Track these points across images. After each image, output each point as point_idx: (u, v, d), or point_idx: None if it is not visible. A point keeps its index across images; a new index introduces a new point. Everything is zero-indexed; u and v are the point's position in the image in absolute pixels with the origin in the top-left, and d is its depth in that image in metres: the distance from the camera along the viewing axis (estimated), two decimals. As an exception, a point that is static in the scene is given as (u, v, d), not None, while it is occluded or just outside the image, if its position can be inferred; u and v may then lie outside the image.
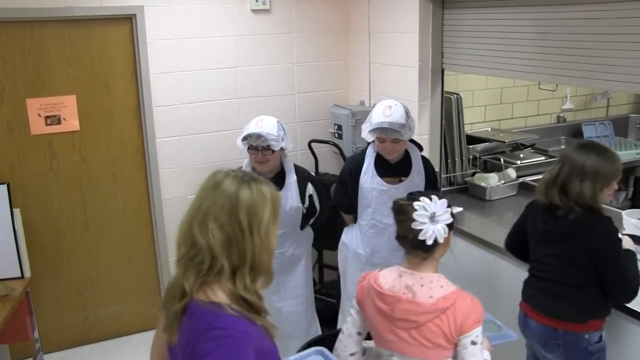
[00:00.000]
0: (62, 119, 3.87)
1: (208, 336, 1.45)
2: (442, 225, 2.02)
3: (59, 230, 4.03)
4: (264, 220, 1.57)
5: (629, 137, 5.44)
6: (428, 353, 2.00)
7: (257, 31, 4.17)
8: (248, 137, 3.09)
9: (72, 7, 3.66)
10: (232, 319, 1.50)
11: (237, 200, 1.55)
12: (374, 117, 3.02)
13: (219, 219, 1.54)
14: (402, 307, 2.02)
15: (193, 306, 1.53)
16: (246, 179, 1.60)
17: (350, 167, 3.27)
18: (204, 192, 1.60)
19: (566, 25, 2.93)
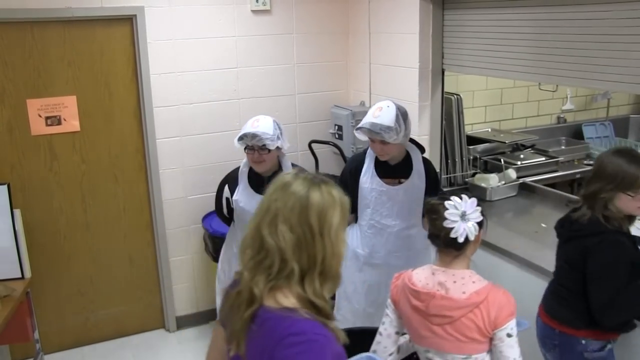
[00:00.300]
0: (62, 119, 3.87)
1: (287, 342, 1.41)
2: (473, 223, 2.07)
3: (60, 230, 4.03)
4: (334, 224, 1.53)
5: (630, 137, 5.44)
6: (463, 347, 2.05)
7: (257, 32, 4.17)
8: (244, 137, 3.10)
9: (72, 7, 3.66)
10: (309, 323, 1.46)
11: (307, 202, 1.51)
12: (366, 116, 3.04)
13: (289, 221, 1.50)
14: (436, 304, 2.07)
15: (263, 313, 1.48)
16: (316, 181, 1.56)
17: (350, 167, 3.28)
18: (273, 193, 1.56)
19: (566, 26, 2.93)
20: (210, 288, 4.40)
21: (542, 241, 3.27)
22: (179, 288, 4.38)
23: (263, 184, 3.22)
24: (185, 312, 4.45)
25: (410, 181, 3.13)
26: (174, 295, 4.38)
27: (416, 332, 2.16)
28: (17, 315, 3.35)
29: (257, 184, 3.25)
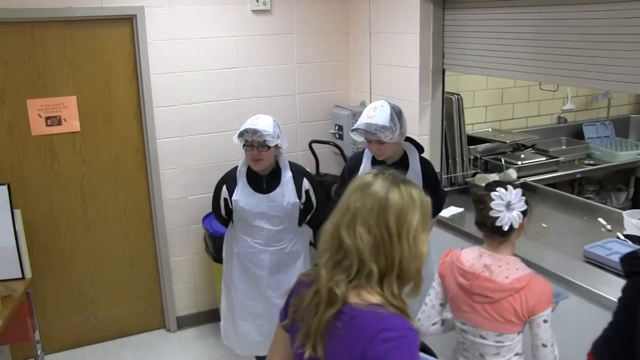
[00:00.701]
0: (62, 119, 3.87)
1: (380, 338, 1.42)
2: (517, 212, 2.22)
3: (60, 231, 4.03)
4: (413, 226, 1.51)
5: (630, 137, 5.43)
6: (498, 327, 2.22)
7: (257, 32, 4.17)
8: (245, 133, 3.11)
9: (72, 7, 3.66)
10: (399, 318, 1.47)
11: (386, 203, 1.49)
12: (361, 117, 3.04)
13: (367, 222, 1.49)
14: (480, 284, 2.24)
15: (349, 310, 1.48)
16: (396, 182, 1.54)
17: (349, 166, 3.30)
18: (353, 194, 1.55)
19: (567, 26, 2.93)
20: (210, 288, 4.40)
21: (542, 241, 3.27)
22: (179, 288, 4.38)
23: (262, 183, 3.24)
24: (186, 312, 4.45)
25: None
26: (174, 295, 4.38)
27: (457, 306, 2.34)
28: (17, 316, 3.35)
29: (256, 183, 3.25)
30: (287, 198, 3.23)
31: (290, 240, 3.35)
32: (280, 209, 3.24)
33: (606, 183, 4.89)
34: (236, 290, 3.41)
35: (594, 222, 3.46)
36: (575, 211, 3.70)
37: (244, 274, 3.37)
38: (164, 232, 4.23)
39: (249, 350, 3.53)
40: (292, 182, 3.27)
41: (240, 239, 3.33)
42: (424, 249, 1.53)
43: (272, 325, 3.42)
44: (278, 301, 3.38)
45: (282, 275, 3.36)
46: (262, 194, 3.23)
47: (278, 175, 3.27)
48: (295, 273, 3.40)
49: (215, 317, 4.41)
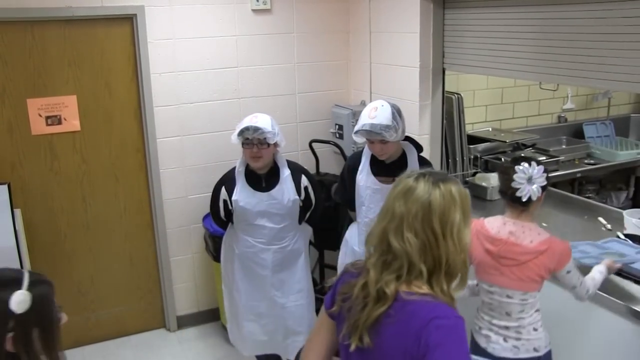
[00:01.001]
0: (62, 119, 3.87)
1: (434, 325, 1.49)
2: (537, 186, 2.42)
3: (60, 230, 4.03)
4: (456, 223, 1.59)
5: (630, 137, 5.43)
6: (523, 286, 2.45)
7: (257, 31, 4.17)
8: (245, 131, 3.12)
9: (72, 7, 3.66)
10: (448, 307, 1.56)
11: (429, 207, 1.57)
12: (361, 118, 3.03)
13: (413, 227, 1.57)
14: (508, 248, 2.46)
15: (400, 299, 1.56)
16: (436, 182, 1.61)
17: (349, 165, 3.31)
18: (397, 199, 1.61)
19: (567, 25, 2.93)
20: (210, 287, 4.40)
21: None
22: (179, 287, 4.38)
23: (260, 182, 3.24)
24: (186, 311, 4.45)
25: None
26: (174, 294, 4.38)
27: (484, 270, 2.54)
28: (17, 315, 3.35)
29: (255, 182, 3.25)
30: (287, 195, 3.24)
31: (292, 238, 3.35)
32: (281, 207, 3.24)
33: (606, 182, 4.89)
34: (239, 292, 3.41)
35: (594, 222, 3.46)
36: (576, 210, 3.70)
37: (246, 275, 3.37)
38: (164, 232, 4.23)
39: (255, 350, 3.53)
40: (291, 180, 3.28)
41: (241, 240, 3.33)
42: (468, 241, 1.62)
43: (276, 324, 3.44)
44: (282, 300, 3.38)
45: (284, 274, 3.36)
46: (262, 192, 3.23)
47: (276, 173, 3.28)
48: (297, 271, 3.41)
49: (215, 317, 4.41)
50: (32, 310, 1.55)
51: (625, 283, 2.75)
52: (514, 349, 2.50)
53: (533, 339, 2.50)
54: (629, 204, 4.81)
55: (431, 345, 1.47)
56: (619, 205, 4.69)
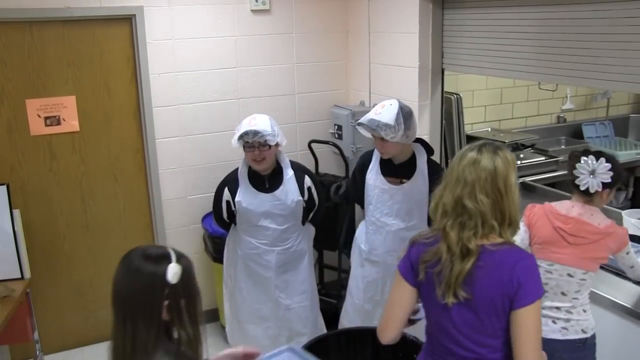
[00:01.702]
0: (61, 119, 3.87)
1: (521, 266, 1.87)
2: (598, 180, 2.54)
3: (59, 231, 4.02)
4: (513, 182, 1.94)
5: (629, 137, 5.44)
6: (586, 264, 2.57)
7: (257, 31, 4.17)
8: (244, 135, 3.11)
9: (71, 7, 3.66)
10: (525, 251, 2.00)
11: (495, 172, 1.91)
12: (369, 112, 3.05)
13: (484, 189, 1.90)
14: (579, 227, 2.59)
15: (486, 250, 1.89)
16: (495, 151, 1.95)
17: (359, 163, 3.33)
18: (466, 169, 1.94)
19: (566, 25, 2.93)
20: (210, 288, 4.39)
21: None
22: (178, 288, 4.37)
23: (264, 183, 3.24)
24: (185, 312, 4.44)
25: (412, 182, 3.11)
26: (173, 295, 4.37)
27: (548, 249, 2.64)
28: (16, 316, 3.35)
29: (258, 183, 3.25)
30: (290, 196, 3.24)
31: (296, 239, 3.34)
32: (284, 207, 3.23)
33: (605, 183, 4.88)
34: (242, 294, 3.40)
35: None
36: (575, 211, 3.69)
37: (250, 277, 3.36)
38: (163, 232, 4.22)
39: None
40: (294, 180, 3.27)
41: (244, 241, 3.32)
42: (518, 196, 1.97)
43: (279, 327, 3.44)
44: (286, 301, 3.38)
45: (288, 275, 3.36)
46: (266, 193, 3.23)
47: (279, 173, 3.27)
48: (301, 272, 3.40)
49: (214, 317, 4.41)
50: (181, 281, 1.75)
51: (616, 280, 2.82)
52: (562, 330, 2.59)
53: (582, 320, 2.60)
54: (628, 204, 4.81)
55: (522, 282, 1.84)
56: (618, 205, 4.69)
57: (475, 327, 1.92)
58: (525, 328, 1.84)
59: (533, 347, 1.85)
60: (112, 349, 1.87)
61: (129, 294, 1.87)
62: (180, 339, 1.76)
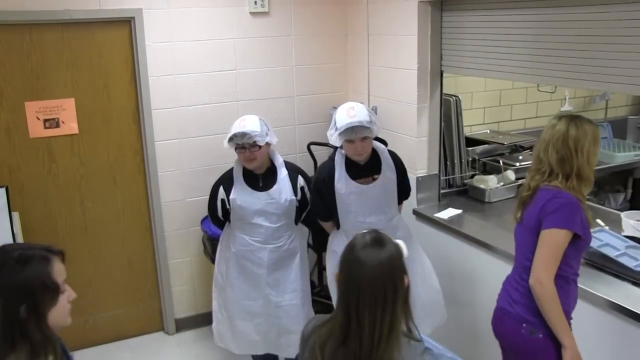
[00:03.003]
0: (60, 122, 3.87)
1: (553, 201, 2.34)
2: None
3: (58, 233, 4.02)
4: (585, 147, 2.37)
5: (628, 138, 5.44)
6: None
7: (255, 34, 4.18)
8: (234, 137, 3.16)
9: (70, 10, 3.66)
10: (569, 194, 2.36)
11: (567, 134, 2.38)
12: (340, 120, 3.05)
13: (555, 146, 2.40)
14: None
15: (540, 189, 2.43)
16: (573, 120, 2.40)
17: (323, 176, 3.23)
18: (546, 131, 2.45)
19: (564, 27, 2.94)
20: (209, 290, 4.38)
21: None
22: (178, 290, 4.38)
23: (258, 182, 3.27)
24: (185, 314, 4.45)
25: (383, 176, 3.20)
26: (173, 297, 4.37)
27: None
28: (15, 318, 3.34)
29: (252, 182, 3.29)
30: (284, 195, 3.28)
31: (288, 238, 3.37)
32: (278, 206, 3.27)
33: (604, 184, 4.89)
34: (233, 290, 3.41)
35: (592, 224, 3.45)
36: (574, 212, 3.70)
37: (242, 273, 3.38)
38: (162, 234, 4.22)
39: (246, 349, 3.53)
40: (288, 180, 3.32)
41: (238, 238, 3.35)
42: (595, 160, 2.44)
43: (269, 323, 3.45)
44: (276, 299, 3.38)
45: (279, 273, 3.38)
46: (260, 192, 3.26)
47: (274, 173, 3.32)
48: (292, 271, 3.41)
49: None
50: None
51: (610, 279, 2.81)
52: None
53: None
54: (626, 205, 4.81)
55: (549, 211, 2.33)
56: (617, 207, 4.69)
57: (523, 242, 2.47)
58: (540, 247, 2.34)
59: (539, 265, 2.32)
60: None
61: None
62: None
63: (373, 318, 1.67)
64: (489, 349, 2.86)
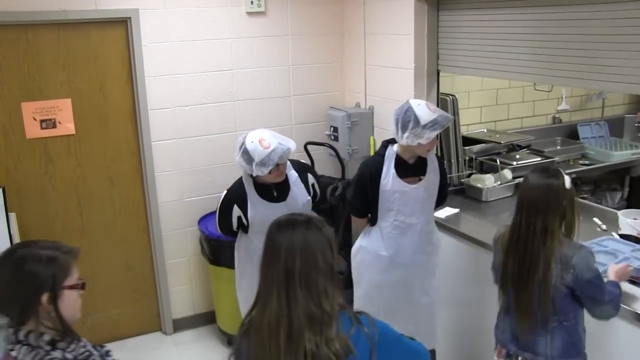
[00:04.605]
0: (57, 122, 3.86)
1: None
2: None
3: (55, 234, 4.01)
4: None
5: (624, 137, 5.44)
6: None
7: (252, 34, 4.17)
8: (269, 162, 2.98)
9: (67, 10, 3.66)
10: None
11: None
12: (424, 116, 2.97)
13: None
14: None
15: None
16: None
17: (370, 172, 3.18)
18: None
19: (561, 26, 2.94)
20: (206, 290, 4.39)
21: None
22: (175, 290, 4.38)
23: (271, 192, 3.19)
24: (182, 314, 4.44)
25: (427, 177, 3.16)
26: (170, 297, 4.37)
27: None
28: (12, 319, 3.34)
29: (266, 193, 3.21)
30: (300, 199, 3.25)
31: None
32: (296, 210, 3.20)
33: (601, 183, 4.90)
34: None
35: (589, 222, 3.46)
36: (571, 211, 3.70)
37: None
38: (159, 235, 4.22)
39: None
40: (300, 182, 3.28)
41: (258, 248, 3.27)
42: None
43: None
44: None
45: None
46: (278, 203, 3.20)
47: (285, 179, 3.23)
48: None
49: (211, 320, 4.40)
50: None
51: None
52: None
53: None
54: (623, 204, 4.81)
55: None
56: (614, 205, 4.70)
57: None
58: None
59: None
60: None
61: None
62: None
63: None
64: (488, 348, 2.86)
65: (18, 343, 1.73)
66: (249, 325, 1.82)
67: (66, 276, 1.78)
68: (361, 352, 1.74)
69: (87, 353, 1.84)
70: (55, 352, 1.75)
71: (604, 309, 2.38)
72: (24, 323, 1.75)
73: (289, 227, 1.82)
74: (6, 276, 1.75)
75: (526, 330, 2.43)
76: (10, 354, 1.73)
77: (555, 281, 2.34)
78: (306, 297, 1.72)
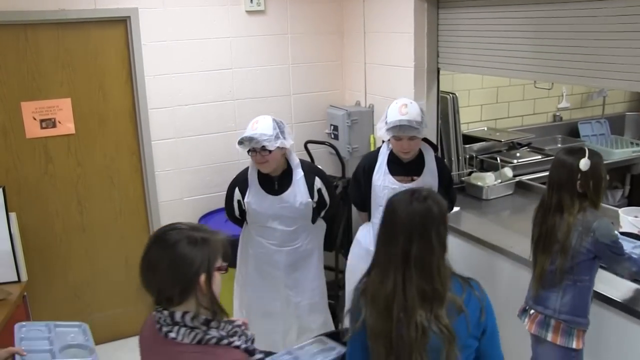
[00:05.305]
0: (57, 122, 3.86)
1: None
2: None
3: (56, 233, 4.01)
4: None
5: (625, 135, 5.44)
6: None
7: (252, 32, 4.17)
8: (243, 141, 3.09)
9: (66, 9, 3.65)
10: None
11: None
12: (390, 115, 3.02)
13: None
14: None
15: None
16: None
17: (364, 165, 3.28)
18: None
19: (562, 24, 2.94)
20: (207, 290, 4.39)
21: (538, 239, 3.28)
22: (176, 290, 4.37)
23: (273, 184, 3.21)
24: (183, 314, 4.43)
25: (422, 179, 3.13)
26: (171, 297, 4.36)
27: None
28: (13, 319, 3.33)
29: (268, 185, 3.23)
30: (299, 198, 3.21)
31: (305, 239, 3.33)
32: (292, 210, 3.21)
33: (602, 181, 4.89)
34: (253, 290, 3.41)
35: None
36: (571, 209, 3.69)
37: (260, 275, 3.37)
38: (160, 234, 4.21)
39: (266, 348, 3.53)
40: (303, 182, 3.24)
41: (255, 241, 3.32)
42: None
43: (289, 323, 3.43)
44: (296, 299, 3.37)
45: (298, 274, 3.36)
46: (274, 196, 3.21)
47: (290, 175, 3.23)
48: (311, 270, 3.40)
49: (212, 319, 4.40)
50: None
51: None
52: None
53: None
54: (624, 202, 4.82)
55: None
56: (615, 203, 4.70)
57: None
58: None
59: None
60: None
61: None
62: None
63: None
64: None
65: (175, 325, 1.81)
66: (365, 287, 1.95)
67: (217, 258, 1.85)
68: (472, 311, 1.87)
69: (235, 330, 1.91)
70: (212, 331, 1.81)
71: (624, 265, 2.54)
72: (180, 304, 1.83)
73: (409, 203, 1.91)
74: (165, 260, 1.85)
75: (539, 288, 2.63)
76: (169, 335, 1.81)
77: (576, 243, 2.50)
78: (420, 278, 1.83)
